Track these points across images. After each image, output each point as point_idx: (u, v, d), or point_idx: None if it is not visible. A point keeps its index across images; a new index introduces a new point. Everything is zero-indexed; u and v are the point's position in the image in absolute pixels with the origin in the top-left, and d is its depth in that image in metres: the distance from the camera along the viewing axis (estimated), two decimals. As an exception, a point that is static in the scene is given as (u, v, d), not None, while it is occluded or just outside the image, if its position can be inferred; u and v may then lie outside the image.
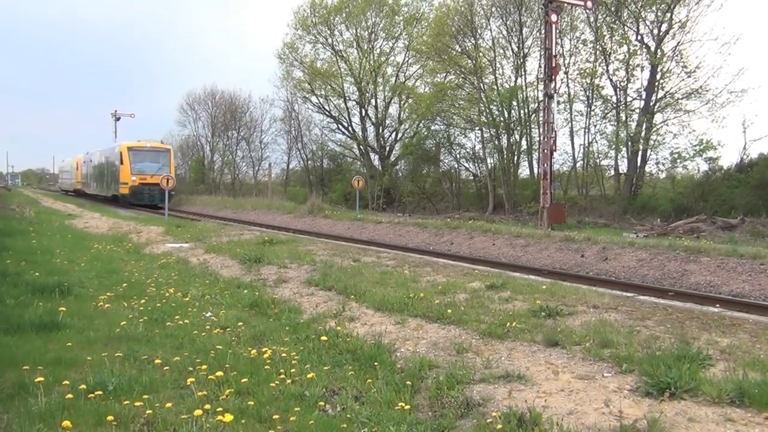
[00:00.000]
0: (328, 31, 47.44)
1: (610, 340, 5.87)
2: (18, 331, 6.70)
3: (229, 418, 4.24)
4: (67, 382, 5.05)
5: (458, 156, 43.02)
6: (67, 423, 4.06)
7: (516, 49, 37.13)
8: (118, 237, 18.74)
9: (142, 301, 8.62)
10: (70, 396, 4.66)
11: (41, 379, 4.89)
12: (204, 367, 5.51)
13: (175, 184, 38.24)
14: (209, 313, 7.96)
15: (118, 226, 22.19)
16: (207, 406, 4.48)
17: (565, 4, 26.55)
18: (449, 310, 7.32)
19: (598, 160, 34.90)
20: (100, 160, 48.66)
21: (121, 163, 41.01)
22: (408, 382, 5.25)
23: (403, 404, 4.79)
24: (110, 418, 4.24)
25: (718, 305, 7.40)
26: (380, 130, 47.57)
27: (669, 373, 4.75)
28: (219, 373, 5.25)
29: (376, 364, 5.78)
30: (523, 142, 37.58)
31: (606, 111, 34.18)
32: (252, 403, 4.76)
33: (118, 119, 66.99)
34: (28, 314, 7.29)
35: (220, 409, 4.49)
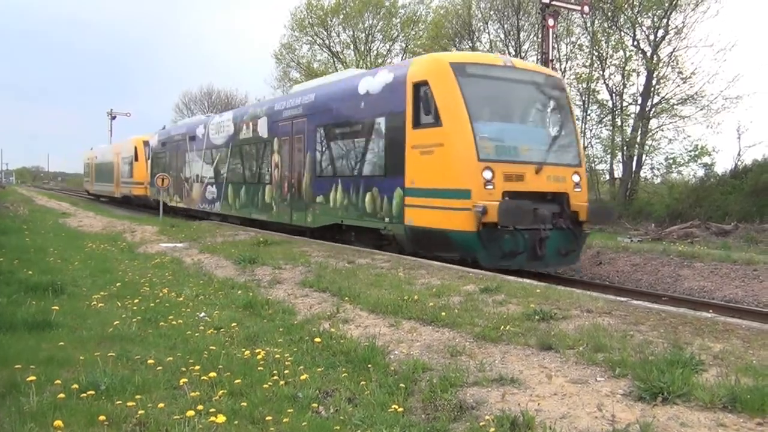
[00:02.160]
0: (325, 33, 47.49)
1: (603, 344, 5.87)
2: (10, 329, 6.67)
3: (221, 419, 4.22)
4: (59, 381, 5.03)
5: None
6: (58, 422, 4.04)
7: (513, 53, 37.21)
8: (112, 236, 18.68)
9: (136, 300, 8.60)
10: (62, 395, 4.65)
11: (33, 378, 4.86)
12: (197, 367, 5.50)
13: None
14: (203, 314, 7.94)
15: (112, 225, 22.13)
16: (200, 407, 4.46)
17: (562, 9, 26.62)
18: (443, 313, 7.32)
19: (593, 165, 34.98)
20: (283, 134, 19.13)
21: (446, 122, 12.54)
22: (401, 385, 5.25)
23: (397, 406, 4.79)
24: (102, 418, 4.22)
25: (711, 310, 7.42)
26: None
27: (662, 377, 4.76)
28: (212, 374, 5.23)
29: (369, 366, 5.78)
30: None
31: (602, 116, 34.24)
32: (245, 404, 4.75)
33: (113, 118, 66.88)
34: (21, 313, 7.26)
35: (212, 410, 4.48)
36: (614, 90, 33.17)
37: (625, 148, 32.11)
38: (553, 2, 24.46)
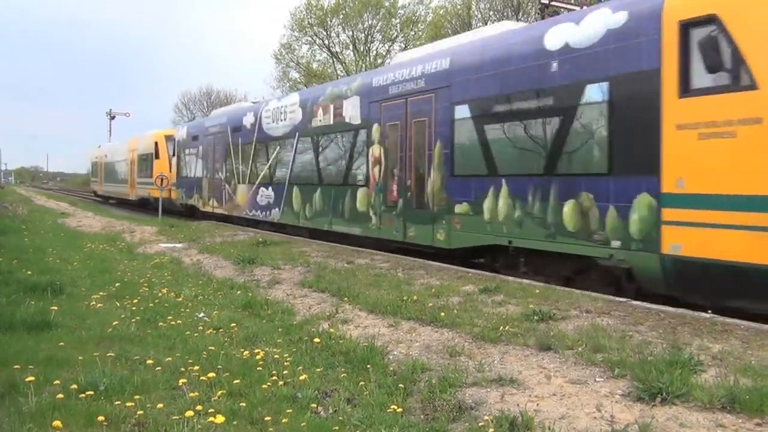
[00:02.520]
0: (325, 33, 47.60)
1: (602, 344, 5.88)
2: (9, 329, 6.67)
3: (220, 419, 4.23)
4: (58, 381, 5.04)
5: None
6: (57, 423, 4.04)
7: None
8: (112, 236, 18.67)
9: (135, 300, 8.60)
10: (60, 396, 4.65)
11: (32, 378, 4.87)
12: (196, 368, 5.50)
13: None
14: (202, 314, 7.94)
15: (111, 226, 22.13)
16: (198, 407, 4.47)
17: (562, 9, 26.64)
18: (443, 313, 7.32)
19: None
20: None
21: None
22: (400, 385, 5.26)
23: (396, 407, 4.79)
24: (101, 418, 4.22)
25: (709, 311, 7.37)
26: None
27: (661, 378, 4.76)
28: (211, 374, 5.24)
29: (368, 366, 5.78)
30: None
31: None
32: (244, 404, 4.75)
33: (113, 118, 66.81)
34: (20, 313, 7.26)
35: (211, 410, 4.48)
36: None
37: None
38: (553, 2, 24.49)
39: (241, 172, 21.57)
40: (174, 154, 28.97)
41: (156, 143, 32.32)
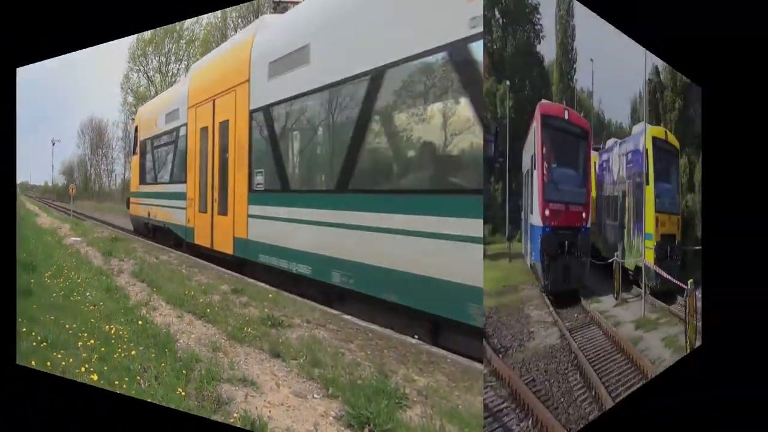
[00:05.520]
0: (146, 61, 46.75)
1: (319, 359, 5.64)
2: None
3: (95, 378, 6.18)
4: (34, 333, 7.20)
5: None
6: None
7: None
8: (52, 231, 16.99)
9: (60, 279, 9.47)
10: (34, 343, 6.98)
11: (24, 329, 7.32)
12: (86, 335, 7.09)
13: None
14: (88, 294, 8.81)
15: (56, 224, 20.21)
16: (86, 366, 6.40)
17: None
18: (208, 309, 7.47)
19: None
20: None
21: None
22: (184, 371, 5.84)
23: (181, 390, 5.45)
24: (48, 363, 6.60)
25: (416, 336, 6.31)
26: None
27: (369, 406, 4.64)
28: (91, 342, 6.89)
29: (166, 350, 6.37)
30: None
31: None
32: (106, 368, 6.30)
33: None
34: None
35: (91, 369, 6.36)
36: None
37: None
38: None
39: None
40: None
41: None
